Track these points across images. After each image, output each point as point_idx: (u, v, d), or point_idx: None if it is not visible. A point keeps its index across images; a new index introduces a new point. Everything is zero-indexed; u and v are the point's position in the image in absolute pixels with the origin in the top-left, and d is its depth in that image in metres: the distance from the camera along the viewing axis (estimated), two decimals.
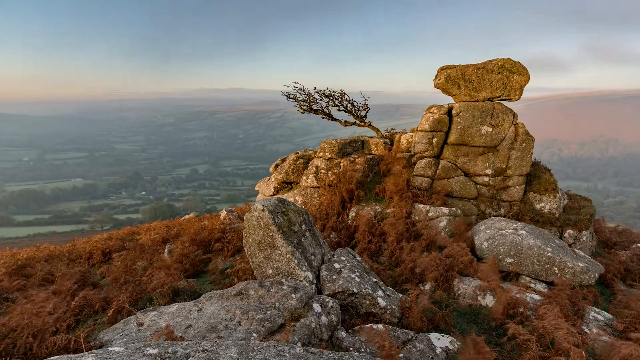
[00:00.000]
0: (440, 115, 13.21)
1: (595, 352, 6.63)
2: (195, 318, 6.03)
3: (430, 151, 13.30)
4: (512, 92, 12.67)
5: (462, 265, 9.42)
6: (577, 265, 9.15)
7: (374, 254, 10.56)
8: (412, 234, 11.05)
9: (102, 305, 7.89)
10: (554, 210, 12.52)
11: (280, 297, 6.24)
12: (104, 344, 5.82)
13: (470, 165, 12.89)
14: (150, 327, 6.07)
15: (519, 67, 12.56)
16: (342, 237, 11.25)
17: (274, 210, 7.44)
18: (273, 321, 5.71)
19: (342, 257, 8.29)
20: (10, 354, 5.48)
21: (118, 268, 10.16)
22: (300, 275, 7.04)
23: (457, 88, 13.01)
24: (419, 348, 6.09)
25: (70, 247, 12.87)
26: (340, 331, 6.09)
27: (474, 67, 12.84)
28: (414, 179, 13.18)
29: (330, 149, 14.52)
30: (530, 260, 9.41)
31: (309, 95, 17.66)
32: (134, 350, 3.74)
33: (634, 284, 10.65)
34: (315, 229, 8.50)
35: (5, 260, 10.49)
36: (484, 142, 12.70)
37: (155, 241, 12.89)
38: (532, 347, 6.17)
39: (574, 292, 8.52)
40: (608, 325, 7.85)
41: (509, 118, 12.74)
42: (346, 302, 7.06)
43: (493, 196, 12.82)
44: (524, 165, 12.72)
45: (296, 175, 14.85)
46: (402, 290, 8.60)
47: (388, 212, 11.98)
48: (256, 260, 7.48)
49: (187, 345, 3.90)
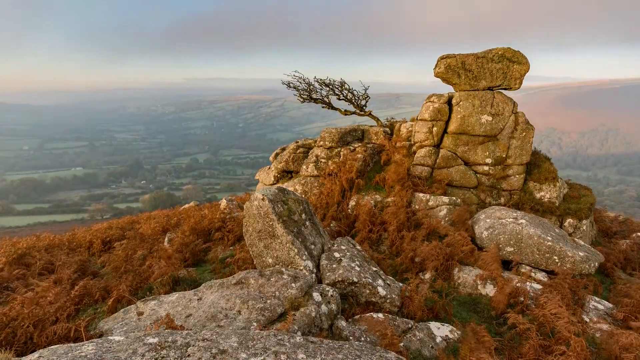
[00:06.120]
0: (440, 104, 13.14)
1: (596, 341, 6.64)
2: (195, 307, 6.03)
3: (430, 140, 13.24)
4: (512, 81, 12.58)
5: (462, 255, 9.42)
6: (577, 254, 9.15)
7: (374, 243, 10.55)
8: (412, 223, 11.03)
9: (102, 294, 7.90)
10: (554, 200, 12.50)
11: (280, 286, 6.24)
12: (104, 333, 5.83)
13: (470, 155, 12.85)
14: (150, 316, 6.08)
15: (519, 56, 12.46)
16: (342, 226, 11.24)
17: (274, 200, 7.42)
18: (273, 310, 5.71)
19: (342, 246, 8.28)
20: (11, 343, 5.48)
21: (118, 257, 10.16)
22: (300, 265, 7.03)
23: (457, 77, 12.91)
24: (419, 337, 6.10)
25: (70, 236, 12.87)
26: (341, 320, 6.10)
27: (474, 56, 12.73)
28: (414, 168, 13.14)
29: (331, 138, 14.46)
30: (530, 249, 9.41)
31: (309, 84, 17.56)
32: (134, 339, 3.73)
33: (634, 273, 10.67)
34: (315, 218, 8.48)
35: (6, 249, 10.49)
36: (484, 131, 12.64)
37: (155, 230, 12.88)
38: (533, 336, 6.18)
39: (574, 281, 8.53)
40: (608, 314, 7.87)
41: (509, 107, 12.66)
42: (346, 291, 7.06)
43: (493, 185, 12.79)
44: (524, 155, 12.67)
45: (296, 165, 14.81)
46: (402, 280, 8.60)
47: (388, 201, 11.96)
48: (256, 250, 7.48)
49: (187, 335, 3.89)
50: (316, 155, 14.18)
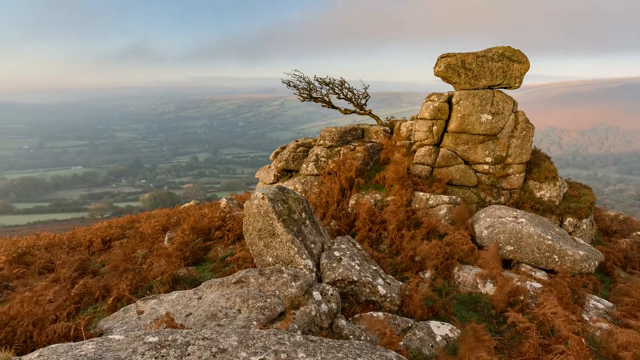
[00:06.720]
0: (440, 103, 13.13)
1: (595, 340, 6.65)
2: (196, 306, 6.03)
3: (430, 139, 13.24)
4: (512, 80, 12.56)
5: (462, 253, 9.43)
6: (577, 253, 9.15)
7: (374, 242, 10.55)
8: (412, 222, 11.03)
9: (102, 293, 7.91)
10: (554, 198, 12.49)
11: (280, 285, 6.24)
12: (104, 332, 5.84)
13: (470, 153, 12.84)
14: (150, 315, 6.08)
15: (519, 55, 12.44)
16: (342, 225, 11.23)
17: (274, 199, 7.42)
18: (273, 309, 5.71)
19: (342, 245, 8.28)
20: (11, 342, 5.48)
21: (118, 256, 10.17)
22: (300, 263, 7.03)
23: (457, 76, 12.89)
24: (419, 336, 6.11)
25: (70, 235, 12.89)
26: (340, 319, 6.10)
27: (474, 55, 12.72)
28: (414, 167, 13.14)
29: (330, 137, 14.46)
30: (530, 248, 9.41)
31: (309, 83, 17.58)
32: (134, 338, 3.73)
33: (634, 272, 10.67)
34: (315, 217, 8.48)
35: (6, 248, 10.51)
36: (484, 130, 12.63)
37: (155, 229, 12.89)
38: (532, 334, 6.18)
39: (574, 280, 8.53)
40: (608, 313, 7.87)
41: (509, 106, 12.66)
42: (346, 290, 7.07)
43: (493, 184, 12.78)
44: (524, 153, 12.67)
45: (296, 163, 14.81)
46: (402, 279, 8.61)
47: (388, 200, 11.95)
48: (256, 248, 7.48)
49: (187, 333, 3.90)
50: (316, 154, 14.18)
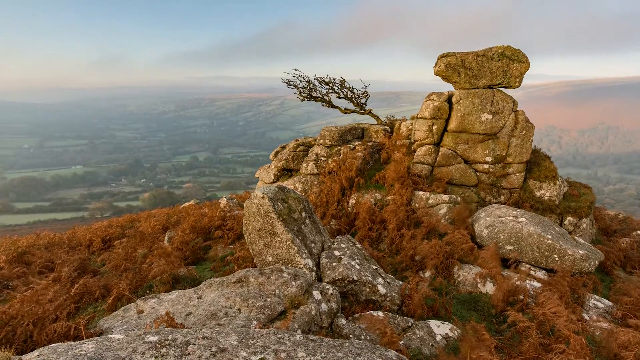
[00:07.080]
0: (440, 102, 13.13)
1: (595, 339, 6.64)
2: (195, 305, 6.03)
3: (430, 138, 13.24)
4: (512, 80, 12.56)
5: (462, 253, 9.43)
6: (577, 252, 9.15)
7: (374, 242, 10.55)
8: (412, 221, 11.03)
9: (102, 292, 7.91)
10: (554, 198, 12.50)
11: (280, 285, 6.24)
12: (104, 331, 5.84)
13: (470, 153, 12.84)
14: (150, 314, 6.08)
15: (519, 54, 12.44)
16: (342, 225, 11.23)
17: (274, 198, 7.42)
18: (273, 308, 5.71)
19: (342, 244, 8.28)
20: (11, 342, 5.48)
21: (118, 255, 10.17)
22: (300, 263, 7.04)
23: (457, 75, 12.89)
24: (419, 335, 6.11)
25: (70, 235, 12.88)
26: (340, 318, 6.10)
27: (474, 55, 12.71)
28: (414, 167, 13.14)
29: (330, 136, 14.46)
30: (530, 247, 9.41)
31: (309, 83, 17.57)
32: (134, 337, 3.73)
33: (634, 272, 10.68)
34: (315, 216, 8.48)
35: (6, 247, 10.49)
36: (484, 130, 12.63)
37: (155, 229, 12.89)
38: (532, 334, 6.18)
39: (574, 280, 8.53)
40: (608, 312, 7.87)
41: (509, 105, 12.65)
42: (346, 290, 7.07)
43: (493, 183, 12.78)
44: (524, 153, 12.67)
45: (296, 163, 14.81)
46: (402, 278, 8.60)
47: (388, 200, 11.95)
48: (256, 248, 7.48)
49: (187, 333, 3.90)
50: (316, 154, 14.18)
